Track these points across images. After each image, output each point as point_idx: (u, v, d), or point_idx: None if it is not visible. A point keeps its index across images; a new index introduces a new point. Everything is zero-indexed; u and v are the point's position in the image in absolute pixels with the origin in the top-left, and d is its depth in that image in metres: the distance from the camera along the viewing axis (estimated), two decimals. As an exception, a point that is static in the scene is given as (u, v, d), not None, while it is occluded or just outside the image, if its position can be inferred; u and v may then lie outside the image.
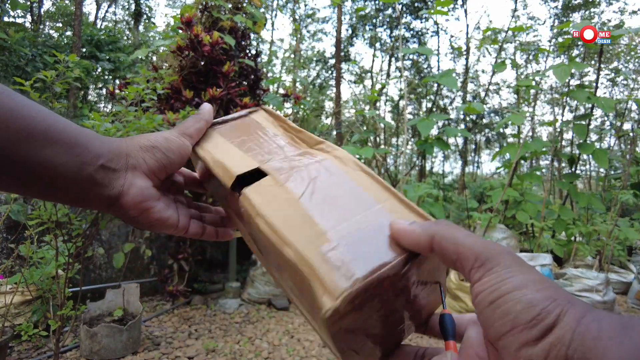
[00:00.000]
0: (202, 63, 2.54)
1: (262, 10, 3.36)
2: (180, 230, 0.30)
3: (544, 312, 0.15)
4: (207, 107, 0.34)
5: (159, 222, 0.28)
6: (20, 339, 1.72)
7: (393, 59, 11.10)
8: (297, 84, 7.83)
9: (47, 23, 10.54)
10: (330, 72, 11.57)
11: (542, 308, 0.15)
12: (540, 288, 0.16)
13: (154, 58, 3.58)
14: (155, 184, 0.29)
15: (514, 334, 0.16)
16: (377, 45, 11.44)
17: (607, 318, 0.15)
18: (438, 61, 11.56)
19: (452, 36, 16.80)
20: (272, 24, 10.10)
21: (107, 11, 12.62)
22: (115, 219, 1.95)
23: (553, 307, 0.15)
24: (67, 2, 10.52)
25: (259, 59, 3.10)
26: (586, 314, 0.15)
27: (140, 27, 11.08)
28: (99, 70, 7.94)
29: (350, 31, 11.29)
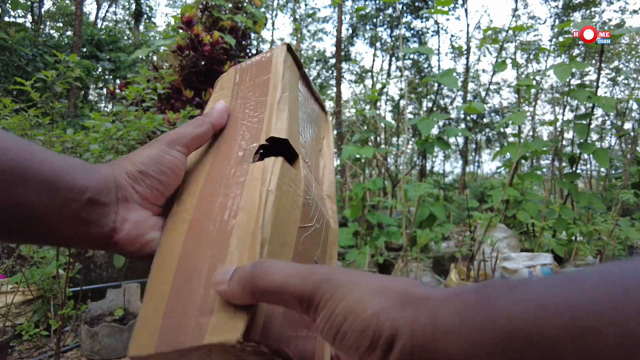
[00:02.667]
0: (203, 63, 2.54)
1: (262, 9, 3.36)
2: None
3: (376, 332, 0.14)
4: (219, 108, 0.29)
5: None
6: (21, 339, 1.72)
7: (393, 59, 11.10)
8: (298, 84, 7.80)
9: (48, 23, 10.55)
10: (330, 71, 11.56)
11: (373, 329, 0.14)
12: (368, 303, 0.15)
13: (155, 58, 3.58)
14: (155, 211, 0.26)
15: None
16: (378, 44, 11.43)
17: (443, 309, 0.14)
18: (438, 61, 11.56)
19: (452, 36, 16.80)
20: (273, 24, 10.11)
21: (107, 11, 12.63)
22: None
23: (382, 320, 0.15)
24: (67, 2, 10.52)
25: (259, 59, 3.09)
26: (419, 316, 0.14)
27: (141, 27, 11.08)
28: (100, 70, 7.95)
29: (350, 31, 11.29)
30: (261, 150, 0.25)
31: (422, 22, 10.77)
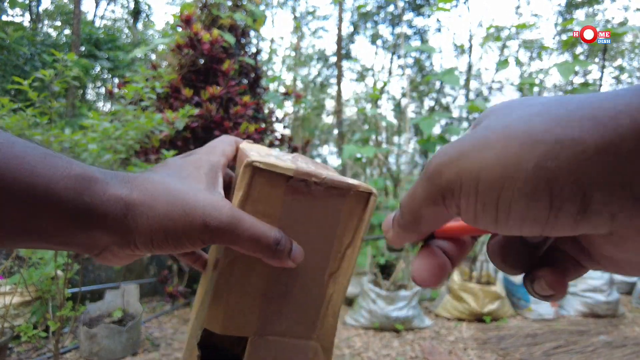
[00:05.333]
0: (202, 61, 2.52)
1: (262, 7, 3.33)
2: None
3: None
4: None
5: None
6: (19, 340, 1.71)
7: (395, 57, 11.05)
8: (298, 82, 7.80)
9: (46, 21, 10.53)
10: (331, 70, 11.52)
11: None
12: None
13: (153, 56, 3.56)
14: None
15: None
16: (379, 42, 11.38)
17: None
18: (440, 59, 11.51)
19: (454, 33, 16.73)
20: (272, 22, 10.06)
21: (105, 9, 12.60)
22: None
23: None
24: (65, 0, 10.49)
25: (259, 57, 3.07)
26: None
27: (139, 25, 11.05)
28: (98, 69, 7.93)
29: (351, 28, 11.24)
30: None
31: (423, 19, 10.72)
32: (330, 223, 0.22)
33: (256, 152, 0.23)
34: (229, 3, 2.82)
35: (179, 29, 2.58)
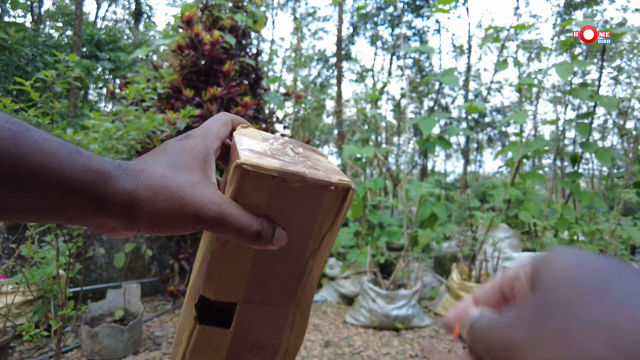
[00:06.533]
0: (203, 62, 2.53)
1: (262, 8, 3.35)
2: None
3: None
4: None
5: None
6: (21, 339, 1.72)
7: (394, 58, 11.07)
8: (298, 83, 7.81)
9: (48, 22, 10.55)
10: (331, 70, 11.54)
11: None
12: None
13: (155, 57, 3.57)
14: None
15: None
16: (379, 43, 11.40)
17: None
18: (440, 59, 11.53)
19: (454, 34, 16.75)
20: (273, 23, 10.08)
21: (107, 10, 12.62)
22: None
23: None
24: (67, 1, 10.52)
25: (259, 58, 3.09)
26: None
27: (141, 26, 11.08)
28: (99, 69, 7.95)
29: (351, 29, 11.26)
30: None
31: (423, 20, 10.74)
32: (311, 213, 0.25)
33: (247, 143, 0.26)
34: (230, 4, 2.83)
35: (180, 30, 2.59)
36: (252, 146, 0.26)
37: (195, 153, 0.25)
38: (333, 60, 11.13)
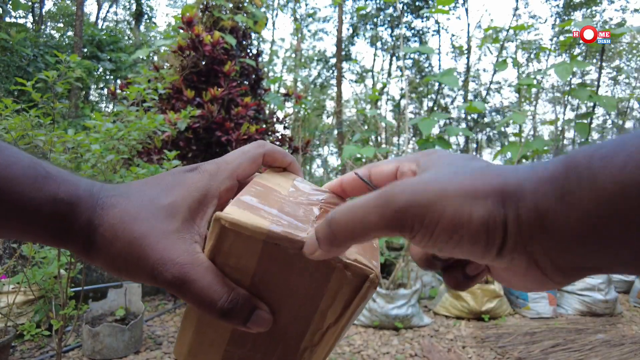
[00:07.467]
0: (203, 63, 2.54)
1: (262, 9, 3.36)
2: None
3: (489, 237, 0.18)
4: None
5: None
6: (22, 339, 1.73)
7: (394, 58, 11.08)
8: (298, 84, 7.82)
9: (49, 23, 10.57)
10: (331, 71, 11.55)
11: (485, 236, 0.17)
12: (472, 213, 0.17)
13: (155, 58, 3.59)
14: None
15: None
16: (378, 44, 11.42)
17: (542, 197, 0.15)
18: (439, 60, 11.54)
19: (453, 35, 16.78)
20: (273, 24, 10.10)
21: (108, 11, 12.64)
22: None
23: (492, 226, 0.18)
24: (68, 2, 10.54)
25: (260, 59, 3.10)
26: (522, 212, 0.15)
27: (142, 27, 11.09)
28: (100, 70, 7.96)
29: (351, 30, 11.27)
30: None
31: (422, 21, 10.75)
32: (312, 293, 0.20)
33: (252, 191, 0.22)
34: (230, 5, 2.85)
35: (181, 31, 2.61)
36: (255, 196, 0.21)
37: (190, 192, 0.22)
38: (333, 61, 11.15)
